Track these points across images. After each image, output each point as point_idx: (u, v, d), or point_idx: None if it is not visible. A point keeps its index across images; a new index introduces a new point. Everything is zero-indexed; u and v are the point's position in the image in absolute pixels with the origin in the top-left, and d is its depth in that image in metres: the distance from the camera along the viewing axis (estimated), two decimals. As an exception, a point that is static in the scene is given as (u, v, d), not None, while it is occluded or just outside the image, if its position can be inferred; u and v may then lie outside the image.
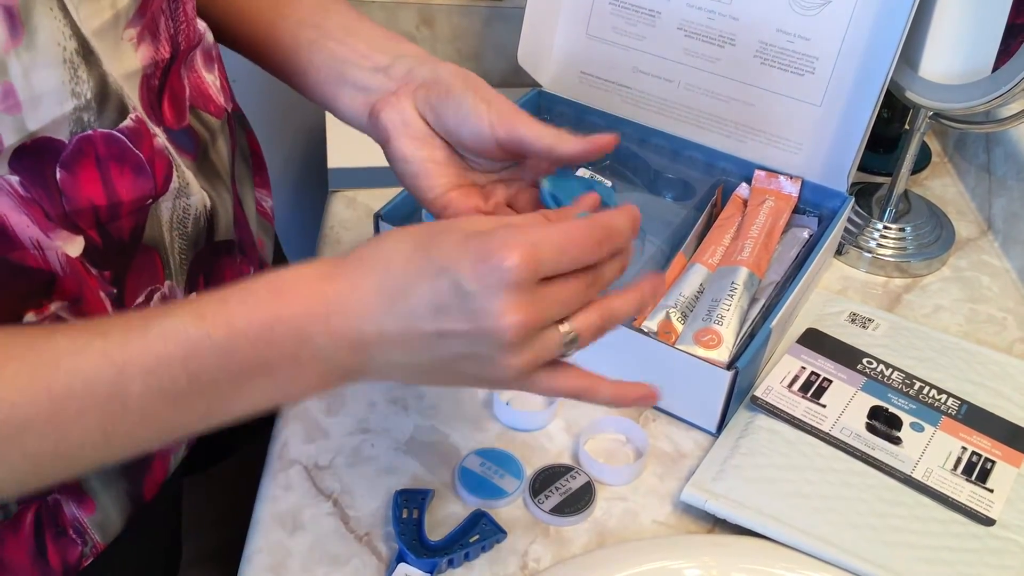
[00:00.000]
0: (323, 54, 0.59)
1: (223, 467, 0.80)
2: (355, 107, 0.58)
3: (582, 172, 0.84)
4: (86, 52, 0.45)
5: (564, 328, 0.44)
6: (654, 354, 0.66)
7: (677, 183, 0.83)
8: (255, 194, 0.72)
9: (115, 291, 0.51)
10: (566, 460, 0.65)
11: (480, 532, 0.59)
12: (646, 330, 0.68)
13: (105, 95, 0.47)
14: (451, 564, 0.57)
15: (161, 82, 0.52)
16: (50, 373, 0.40)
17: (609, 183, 0.52)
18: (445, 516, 0.61)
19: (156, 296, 0.53)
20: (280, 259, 0.79)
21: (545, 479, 0.62)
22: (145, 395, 0.41)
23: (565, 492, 0.62)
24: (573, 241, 0.43)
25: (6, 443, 0.39)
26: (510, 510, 0.61)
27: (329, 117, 0.94)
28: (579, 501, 0.61)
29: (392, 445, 0.65)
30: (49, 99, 0.44)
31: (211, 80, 0.59)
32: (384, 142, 0.56)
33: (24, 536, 0.52)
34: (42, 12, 0.42)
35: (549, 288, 0.43)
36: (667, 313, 0.70)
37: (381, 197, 0.78)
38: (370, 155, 0.62)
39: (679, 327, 0.69)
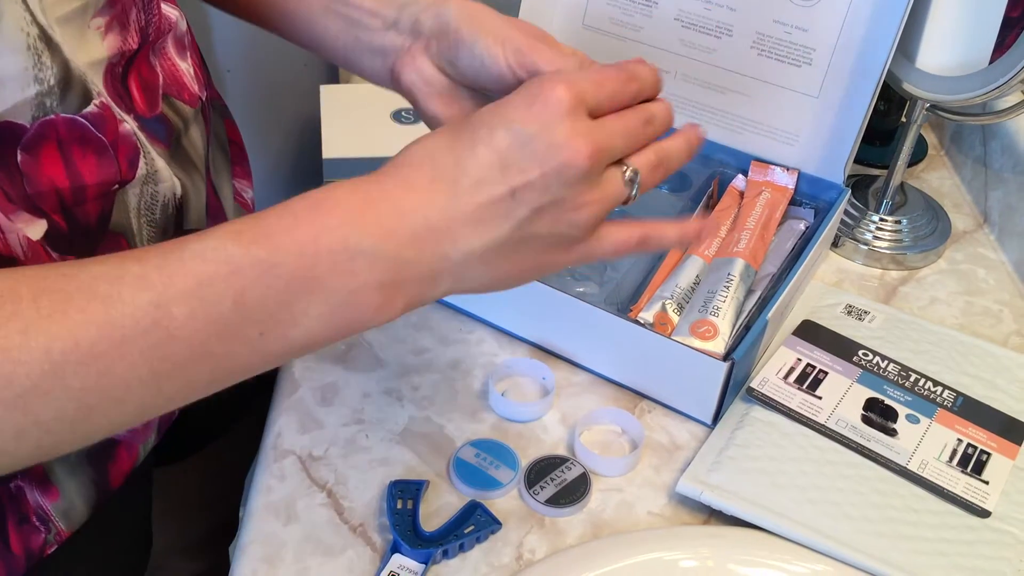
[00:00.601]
0: (337, 21, 0.57)
1: (196, 459, 0.79)
2: (377, 71, 0.56)
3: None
4: (47, 39, 0.45)
5: (624, 167, 0.45)
6: (650, 346, 0.66)
7: (673, 174, 0.82)
8: (234, 184, 0.71)
9: None
10: (561, 451, 0.65)
11: (475, 523, 0.58)
12: (642, 321, 0.68)
13: (68, 81, 0.46)
14: (446, 555, 0.57)
15: (124, 69, 0.51)
16: (86, 301, 0.37)
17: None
18: (440, 507, 0.61)
19: None
20: None
21: (540, 470, 0.62)
22: (190, 320, 0.39)
23: (560, 483, 0.62)
24: (605, 76, 0.45)
25: (47, 378, 0.37)
26: (505, 501, 0.61)
27: (324, 106, 0.94)
28: (574, 492, 0.61)
29: (387, 436, 0.65)
30: (12, 84, 0.43)
31: (185, 68, 0.58)
32: (413, 104, 0.55)
33: None
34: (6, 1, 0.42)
35: (603, 121, 0.44)
36: (663, 304, 0.69)
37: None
38: (365, 145, 0.62)
39: (675, 319, 0.69)
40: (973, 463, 0.63)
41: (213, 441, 0.80)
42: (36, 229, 0.47)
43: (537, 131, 0.41)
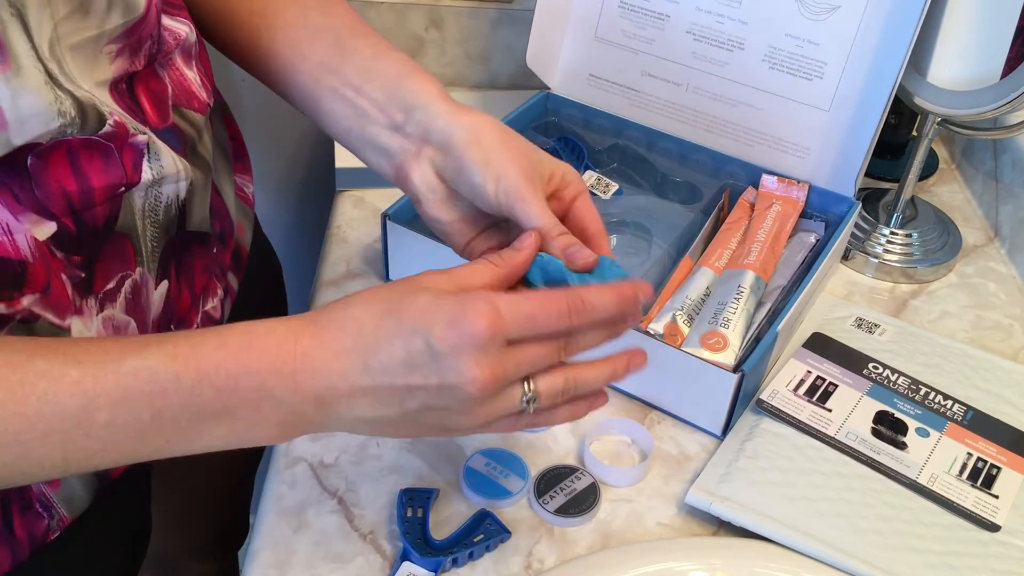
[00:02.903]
0: (343, 106, 0.60)
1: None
2: (382, 167, 0.60)
3: (588, 175, 0.84)
4: (59, 73, 0.46)
5: (526, 387, 0.47)
6: (660, 356, 0.66)
7: (684, 186, 0.83)
8: (235, 180, 0.72)
9: (83, 275, 0.51)
10: (571, 461, 0.65)
11: (484, 532, 0.59)
12: (652, 332, 0.68)
13: (84, 110, 0.48)
14: (455, 563, 0.58)
15: (128, 84, 0.52)
16: (24, 395, 0.42)
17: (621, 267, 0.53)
18: (450, 515, 0.61)
19: (127, 282, 0.54)
20: (260, 243, 0.79)
21: (550, 480, 0.63)
22: (109, 426, 0.44)
23: (570, 493, 0.62)
24: (542, 311, 0.46)
25: None
26: (515, 510, 0.61)
27: (337, 117, 0.94)
28: (584, 502, 0.61)
29: (397, 444, 0.65)
30: (36, 120, 0.45)
31: (192, 77, 0.59)
32: (416, 205, 0.58)
33: None
34: (15, 38, 0.43)
35: (515, 350, 0.46)
36: (673, 316, 0.70)
37: (388, 197, 0.78)
38: (378, 155, 0.62)
39: (685, 330, 0.69)
40: (983, 477, 0.63)
41: None
42: (43, 230, 0.48)
43: (446, 351, 0.44)
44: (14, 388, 0.42)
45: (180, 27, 0.57)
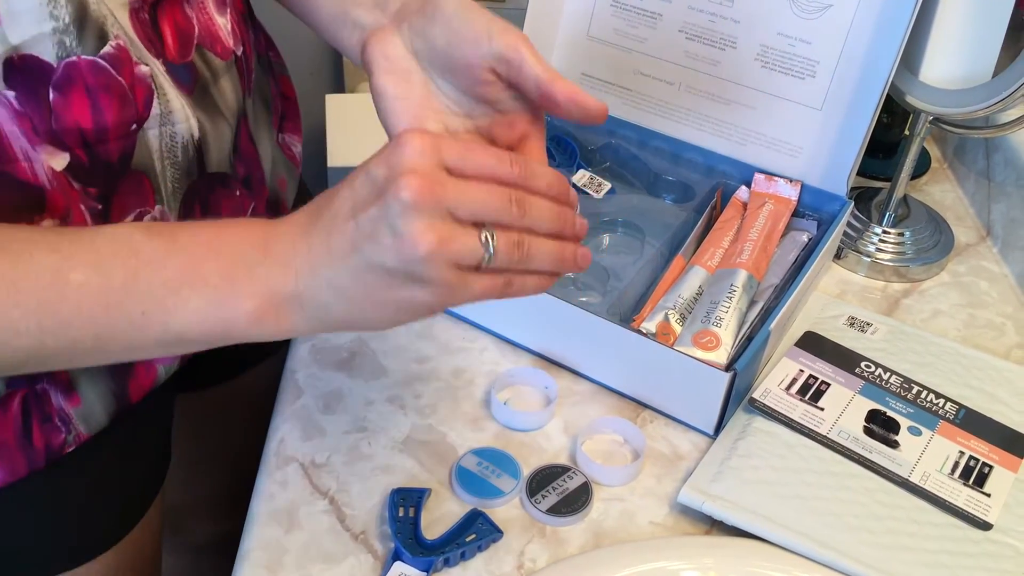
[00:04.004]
0: None
1: (220, 391, 0.82)
2: (352, 45, 0.59)
3: (581, 175, 0.84)
4: None
5: (483, 235, 0.44)
6: (653, 355, 0.66)
7: (677, 185, 0.83)
8: (280, 137, 0.74)
9: (100, 207, 0.54)
10: (563, 460, 0.65)
11: (476, 531, 0.59)
12: (644, 331, 0.68)
13: (84, 21, 0.50)
14: (447, 563, 0.57)
15: (151, 16, 0.55)
16: None
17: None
18: (442, 515, 0.61)
19: (146, 218, 0.57)
20: (303, 201, 0.80)
21: (542, 479, 0.62)
22: (83, 286, 0.44)
23: (562, 492, 0.62)
24: (480, 148, 0.45)
25: None
26: (507, 510, 0.61)
27: (329, 115, 0.94)
28: (576, 501, 0.61)
29: (389, 444, 0.65)
30: (27, 17, 0.47)
31: (222, 23, 0.61)
32: (368, 76, 0.56)
33: (11, 417, 0.56)
34: None
35: (457, 180, 0.44)
36: (665, 315, 0.69)
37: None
38: (371, 155, 0.62)
39: (677, 329, 0.69)
40: (975, 476, 0.63)
41: (234, 377, 0.84)
42: (59, 161, 0.51)
43: (384, 171, 0.43)
44: None
45: None
